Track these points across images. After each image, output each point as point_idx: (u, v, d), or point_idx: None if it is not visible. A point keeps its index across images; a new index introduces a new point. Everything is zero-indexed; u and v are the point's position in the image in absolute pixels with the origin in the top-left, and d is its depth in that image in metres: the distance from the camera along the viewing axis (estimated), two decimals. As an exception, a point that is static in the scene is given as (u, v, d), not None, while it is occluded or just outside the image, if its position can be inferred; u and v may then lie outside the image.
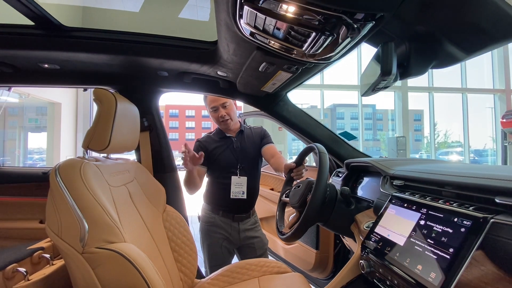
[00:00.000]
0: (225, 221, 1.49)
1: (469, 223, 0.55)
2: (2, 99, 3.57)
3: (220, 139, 1.53)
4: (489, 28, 0.53)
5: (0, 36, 1.08)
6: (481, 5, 0.50)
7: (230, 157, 1.50)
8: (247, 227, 1.54)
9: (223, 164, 1.49)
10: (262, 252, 1.57)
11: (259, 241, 1.57)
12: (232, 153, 1.51)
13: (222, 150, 1.50)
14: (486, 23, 0.53)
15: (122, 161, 1.14)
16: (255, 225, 1.58)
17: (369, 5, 0.51)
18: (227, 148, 1.51)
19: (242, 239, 1.52)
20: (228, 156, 1.50)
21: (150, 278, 0.74)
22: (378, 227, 0.80)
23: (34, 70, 1.24)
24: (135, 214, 1.03)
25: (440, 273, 0.54)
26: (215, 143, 1.52)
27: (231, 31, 0.78)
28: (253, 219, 1.58)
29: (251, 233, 1.54)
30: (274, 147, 1.58)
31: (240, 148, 1.52)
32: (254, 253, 1.54)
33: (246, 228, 1.53)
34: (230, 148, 1.51)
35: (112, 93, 0.96)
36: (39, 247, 1.15)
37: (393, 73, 0.59)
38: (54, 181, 0.77)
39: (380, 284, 0.72)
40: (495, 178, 0.58)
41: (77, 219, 0.73)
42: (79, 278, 0.74)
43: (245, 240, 1.53)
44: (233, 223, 1.50)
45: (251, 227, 1.55)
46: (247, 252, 1.55)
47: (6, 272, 0.96)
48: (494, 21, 0.52)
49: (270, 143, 1.58)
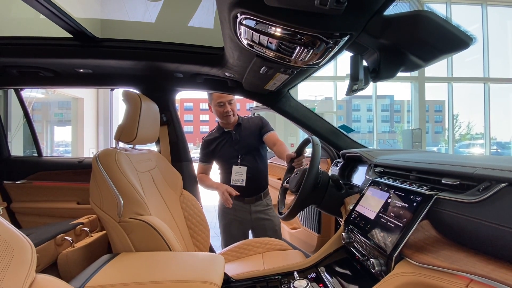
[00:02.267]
0: (237, 203, 1.64)
1: (420, 199, 0.70)
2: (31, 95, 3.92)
3: (220, 134, 1.69)
4: (436, 43, 0.66)
5: (43, 48, 1.30)
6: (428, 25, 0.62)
7: (230, 150, 1.65)
8: (259, 209, 1.67)
9: (225, 157, 1.66)
10: (272, 233, 1.69)
11: (270, 223, 1.69)
12: (232, 146, 1.66)
13: (223, 145, 1.66)
14: (433, 39, 0.65)
15: (146, 151, 1.34)
16: (267, 207, 1.70)
17: (337, 28, 0.66)
18: (226, 142, 1.67)
19: (254, 220, 1.66)
20: (228, 149, 1.65)
21: (170, 242, 0.94)
22: (358, 206, 0.95)
23: (71, 74, 1.46)
24: (157, 195, 1.23)
25: (394, 238, 0.69)
26: (217, 140, 1.68)
27: (234, 42, 0.94)
28: (264, 201, 1.71)
29: (262, 215, 1.68)
30: (275, 134, 1.69)
31: (240, 139, 1.66)
32: (265, 233, 1.66)
33: (257, 210, 1.67)
34: (230, 142, 1.66)
35: (137, 95, 1.15)
36: (80, 222, 1.39)
37: (360, 79, 0.73)
38: (95, 166, 0.97)
39: (355, 252, 0.87)
40: (444, 163, 0.71)
41: (114, 196, 0.94)
42: (117, 241, 0.94)
43: (257, 221, 1.67)
44: (244, 205, 1.65)
45: (262, 209, 1.68)
46: (259, 233, 1.69)
47: (57, 240, 1.20)
48: (439, 37, 0.64)
49: (270, 131, 1.69)
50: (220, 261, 0.85)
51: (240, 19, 0.74)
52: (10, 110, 3.18)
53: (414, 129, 8.31)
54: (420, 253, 0.63)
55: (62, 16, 1.04)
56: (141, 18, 1.46)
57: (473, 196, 0.57)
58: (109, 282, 0.68)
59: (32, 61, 1.36)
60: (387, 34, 0.70)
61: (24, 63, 1.38)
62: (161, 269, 0.76)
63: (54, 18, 1.06)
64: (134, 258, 0.86)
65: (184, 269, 0.77)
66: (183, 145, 1.66)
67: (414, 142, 8.09)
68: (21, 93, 1.73)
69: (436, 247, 0.64)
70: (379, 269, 0.70)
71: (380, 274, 0.70)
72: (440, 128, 24.45)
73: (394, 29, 0.68)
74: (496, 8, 8.98)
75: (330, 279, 0.90)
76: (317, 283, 0.90)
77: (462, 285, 0.50)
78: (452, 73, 9.14)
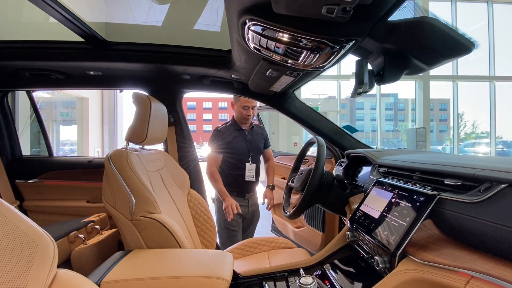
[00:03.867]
0: (238, 199, 1.79)
1: (423, 198, 0.72)
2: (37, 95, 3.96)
3: (235, 130, 1.83)
4: (439, 48, 0.68)
5: (55, 51, 1.34)
6: (431, 31, 0.64)
7: (243, 146, 1.82)
8: (253, 202, 1.92)
9: (237, 152, 1.80)
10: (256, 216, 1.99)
11: (256, 208, 1.97)
12: (246, 143, 1.83)
13: (238, 140, 1.81)
14: (437, 45, 0.67)
15: (154, 151, 1.38)
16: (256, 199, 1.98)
17: (343, 34, 0.68)
18: (242, 138, 1.83)
19: (250, 212, 1.90)
20: (242, 145, 1.82)
21: (180, 240, 0.97)
22: (362, 205, 0.97)
23: (81, 76, 1.50)
24: (166, 194, 1.27)
25: (398, 236, 0.72)
26: (232, 133, 1.81)
27: (242, 46, 0.97)
28: (256, 194, 1.97)
29: (254, 208, 1.94)
30: (270, 151, 2.04)
31: (251, 140, 1.86)
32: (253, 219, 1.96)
33: (252, 203, 1.91)
34: (244, 139, 1.83)
35: (147, 97, 1.18)
36: (91, 220, 1.43)
37: (365, 82, 0.75)
38: (108, 166, 1.01)
39: (359, 249, 0.90)
40: (446, 164, 0.73)
41: (127, 195, 0.97)
42: (129, 238, 0.98)
43: (251, 212, 1.92)
44: (244, 200, 1.84)
45: (255, 202, 1.95)
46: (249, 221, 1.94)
47: (70, 237, 1.24)
48: (442, 43, 0.66)
49: (269, 147, 2.02)
50: (229, 258, 0.88)
51: (249, 25, 0.77)
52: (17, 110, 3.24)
53: (418, 128, 8.26)
54: (423, 251, 0.65)
55: (74, 21, 1.08)
56: (147, 21, 1.49)
57: (474, 196, 0.60)
58: (126, 277, 0.72)
59: (44, 64, 1.40)
60: (392, 39, 0.72)
61: (36, 66, 1.42)
62: (173, 265, 0.79)
63: (67, 23, 1.10)
64: (146, 254, 0.90)
65: (195, 266, 0.81)
66: (190, 145, 1.70)
67: (418, 141, 8.03)
68: (33, 95, 1.78)
69: (438, 245, 0.66)
70: (383, 266, 0.72)
71: (384, 271, 0.72)
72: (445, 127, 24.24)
73: (398, 34, 0.70)
74: (502, 5, 8.88)
75: (335, 276, 0.92)
76: (322, 280, 0.93)
77: (463, 282, 0.53)
78: (457, 72, 9.06)
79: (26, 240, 0.55)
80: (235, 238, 1.81)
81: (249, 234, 2.01)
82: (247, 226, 1.96)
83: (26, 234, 0.55)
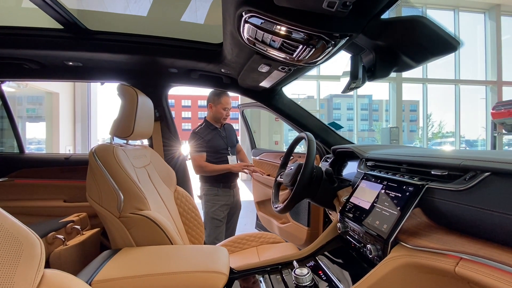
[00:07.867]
0: (225, 190, 1.99)
1: (412, 188, 0.76)
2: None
3: (211, 130, 2.00)
4: (429, 46, 0.72)
5: (30, 38, 1.24)
6: (421, 28, 0.68)
7: (221, 142, 2.01)
8: (236, 191, 2.11)
9: (218, 148, 1.97)
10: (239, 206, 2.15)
11: (239, 197, 2.14)
12: (222, 139, 2.03)
13: (216, 138, 1.99)
14: (426, 42, 0.71)
15: (139, 147, 1.33)
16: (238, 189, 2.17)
17: (340, 29, 0.70)
18: (218, 136, 2.01)
19: (235, 201, 2.07)
20: (220, 141, 2.00)
21: (172, 237, 0.95)
22: (352, 197, 1.00)
23: (58, 67, 1.40)
24: (154, 191, 1.23)
25: (390, 225, 0.75)
26: (210, 133, 1.98)
27: (235, 39, 0.96)
28: (237, 184, 2.16)
29: (237, 197, 2.12)
30: (240, 145, 2.28)
31: (226, 136, 2.07)
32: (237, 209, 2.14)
33: (236, 193, 2.10)
34: (221, 136, 2.02)
35: (133, 89, 1.13)
36: (70, 220, 1.35)
37: (359, 78, 0.78)
38: (93, 161, 0.96)
39: (351, 240, 0.93)
40: (432, 156, 0.78)
41: (114, 191, 0.93)
42: (117, 237, 0.93)
43: (235, 202, 2.09)
44: (230, 190, 2.01)
45: (237, 191, 2.13)
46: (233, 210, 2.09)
47: (48, 238, 1.16)
48: (431, 41, 0.70)
49: (238, 142, 2.26)
50: (225, 253, 0.87)
51: (245, 17, 0.76)
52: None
53: (392, 128, 8.70)
54: (413, 237, 0.69)
55: (55, 6, 1.00)
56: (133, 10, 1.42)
57: (460, 184, 0.64)
58: (119, 275, 0.68)
59: (15, 52, 1.29)
60: (383, 36, 0.75)
61: (6, 54, 1.31)
62: (168, 262, 0.77)
63: (46, 8, 1.02)
64: (137, 252, 0.86)
65: (191, 261, 0.79)
66: (176, 141, 1.65)
67: (391, 140, 8.45)
68: (1, 86, 1.64)
69: (428, 231, 0.71)
70: (376, 254, 0.75)
71: (377, 259, 0.75)
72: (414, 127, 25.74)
73: (390, 31, 0.73)
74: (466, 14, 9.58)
75: (329, 266, 0.95)
76: (316, 271, 0.95)
77: (453, 263, 0.56)
78: (427, 75, 9.64)
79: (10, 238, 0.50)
80: (220, 228, 1.94)
81: (232, 224, 2.15)
82: (232, 214, 2.10)
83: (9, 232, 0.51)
